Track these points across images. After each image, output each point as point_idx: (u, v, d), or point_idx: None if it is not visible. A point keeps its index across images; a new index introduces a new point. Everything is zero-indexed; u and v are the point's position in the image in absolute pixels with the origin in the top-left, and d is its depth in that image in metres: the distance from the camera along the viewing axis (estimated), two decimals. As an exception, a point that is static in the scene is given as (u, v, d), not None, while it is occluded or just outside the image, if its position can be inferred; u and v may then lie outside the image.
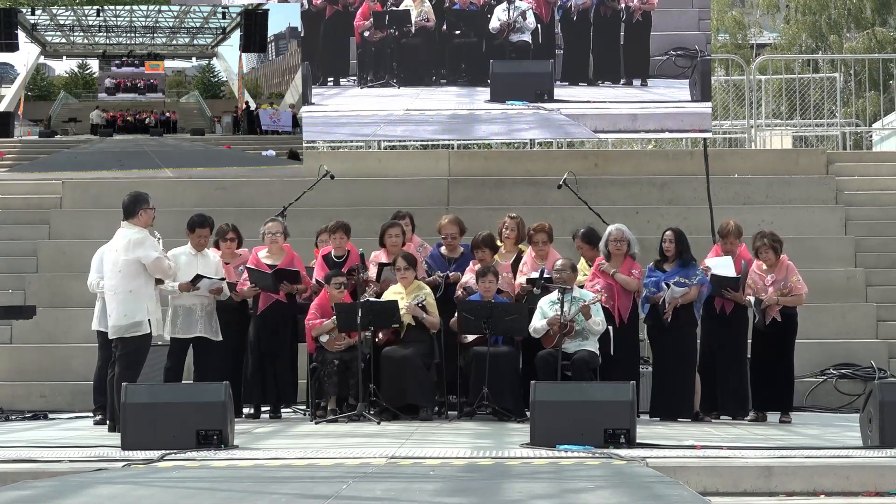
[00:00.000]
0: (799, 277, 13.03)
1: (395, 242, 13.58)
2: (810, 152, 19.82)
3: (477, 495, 7.58)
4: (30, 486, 8.20)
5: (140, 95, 18.77)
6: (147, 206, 11.96)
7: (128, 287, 11.80)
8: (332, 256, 13.66)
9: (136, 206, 11.93)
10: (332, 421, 12.64)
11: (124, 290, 11.80)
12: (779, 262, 13.03)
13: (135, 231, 11.86)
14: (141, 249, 11.79)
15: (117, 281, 11.84)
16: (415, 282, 13.15)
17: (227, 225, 13.72)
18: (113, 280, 11.90)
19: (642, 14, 17.67)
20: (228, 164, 18.55)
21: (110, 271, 11.96)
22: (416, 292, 13.11)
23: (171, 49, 19.12)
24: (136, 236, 11.83)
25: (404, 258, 13.16)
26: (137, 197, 12.01)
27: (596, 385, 11.29)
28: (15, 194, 18.40)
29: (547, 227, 13.52)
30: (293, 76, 18.46)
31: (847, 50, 30.38)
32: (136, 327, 11.79)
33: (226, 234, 13.64)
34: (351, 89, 17.77)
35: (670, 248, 13.08)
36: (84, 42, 19.03)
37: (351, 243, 13.71)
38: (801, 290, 12.99)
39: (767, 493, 8.76)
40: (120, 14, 19.42)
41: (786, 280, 12.96)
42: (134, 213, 11.91)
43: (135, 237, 11.82)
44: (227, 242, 13.62)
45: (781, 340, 13.01)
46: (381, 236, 13.77)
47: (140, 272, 11.83)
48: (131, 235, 11.84)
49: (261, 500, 7.39)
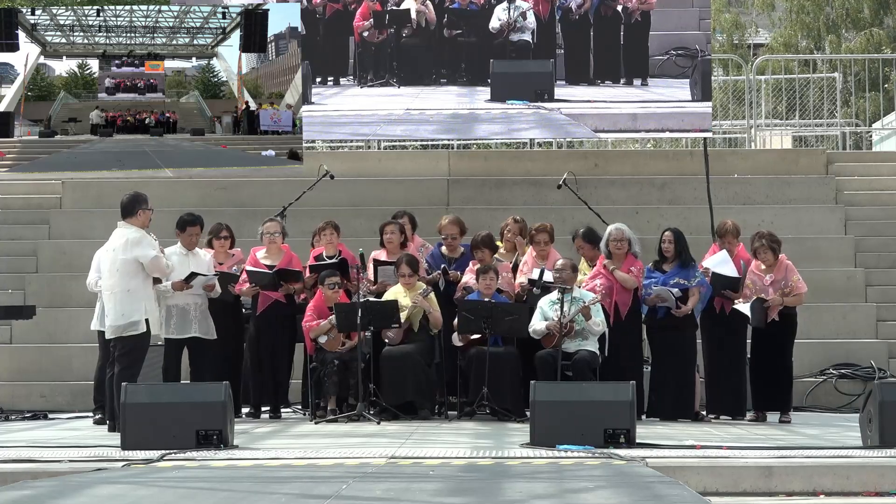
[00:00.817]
0: (799, 277, 13.03)
1: (390, 240, 13.58)
2: (810, 152, 19.81)
3: (477, 495, 7.58)
4: (29, 486, 8.20)
5: (140, 95, 18.76)
6: (146, 206, 11.97)
7: (126, 286, 11.80)
8: (323, 256, 13.67)
9: (135, 205, 11.94)
10: (332, 421, 12.64)
11: (122, 289, 11.80)
12: (777, 262, 13.03)
13: (133, 230, 11.87)
14: (139, 248, 11.79)
15: (115, 280, 11.84)
16: (417, 284, 13.16)
17: (220, 224, 13.73)
18: (111, 279, 11.90)
19: (641, 14, 17.67)
20: (228, 164, 18.55)
21: (108, 271, 11.95)
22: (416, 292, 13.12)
23: (171, 49, 19.12)
24: (134, 235, 11.83)
25: (408, 264, 13.15)
26: (136, 197, 12.02)
27: (596, 385, 11.29)
28: (15, 194, 18.40)
29: (549, 228, 13.54)
30: (293, 76, 18.46)
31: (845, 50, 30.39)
32: (133, 327, 11.79)
33: (219, 232, 13.63)
34: (350, 89, 17.76)
35: (669, 249, 13.09)
36: (84, 42, 19.03)
37: (342, 243, 13.72)
38: (802, 290, 12.99)
39: (767, 493, 8.77)
40: (120, 14, 19.41)
41: (786, 280, 12.96)
42: (133, 212, 11.92)
43: (133, 236, 11.83)
44: (221, 241, 13.61)
45: (781, 340, 13.01)
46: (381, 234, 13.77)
47: (138, 271, 11.83)
48: (129, 235, 11.84)
49: (260, 500, 7.39)
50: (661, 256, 13.15)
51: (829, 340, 15.71)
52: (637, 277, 13.05)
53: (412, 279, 13.10)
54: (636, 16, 17.66)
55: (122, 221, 11.97)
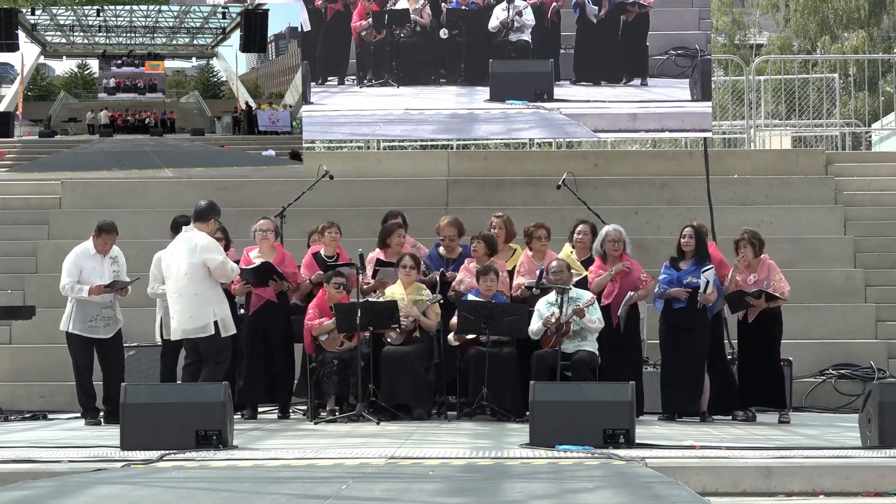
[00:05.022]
0: (781, 276, 13.04)
1: (399, 242, 13.60)
2: (809, 152, 19.81)
3: (476, 496, 7.58)
4: (29, 486, 8.20)
5: (140, 95, 18.77)
6: (218, 216, 12.33)
7: (194, 290, 12.04)
8: (322, 255, 13.66)
9: (210, 213, 12.26)
10: (332, 421, 12.64)
11: (191, 292, 12.03)
12: (760, 261, 13.04)
13: (202, 236, 12.12)
14: (207, 253, 12.04)
15: (183, 284, 12.05)
16: (415, 283, 13.17)
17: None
18: (178, 283, 12.11)
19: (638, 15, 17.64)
20: (228, 164, 18.56)
21: (175, 275, 12.15)
22: (415, 293, 13.13)
23: (171, 49, 19.13)
24: (204, 241, 12.09)
25: (411, 257, 13.23)
26: (213, 205, 12.34)
27: (595, 385, 11.29)
28: (15, 194, 18.40)
29: (546, 226, 13.56)
30: (293, 76, 18.47)
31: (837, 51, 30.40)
32: (203, 329, 12.03)
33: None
34: (350, 88, 17.76)
35: (690, 244, 13.05)
36: (84, 42, 19.04)
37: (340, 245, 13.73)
38: (783, 289, 12.99)
39: (767, 494, 8.77)
40: (120, 14, 19.42)
41: (768, 280, 12.97)
42: (206, 219, 12.23)
43: (202, 241, 12.08)
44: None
45: (768, 338, 13.03)
46: (383, 237, 13.76)
47: (207, 276, 12.07)
48: (199, 240, 12.06)
49: (260, 500, 7.39)
50: (679, 253, 13.13)
51: (829, 340, 15.72)
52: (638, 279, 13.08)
53: (413, 272, 13.12)
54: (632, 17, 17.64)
55: (192, 226, 12.21)
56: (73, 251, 13.24)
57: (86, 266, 13.07)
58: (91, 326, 13.05)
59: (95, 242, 13.19)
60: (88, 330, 13.06)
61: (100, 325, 13.08)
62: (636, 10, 17.59)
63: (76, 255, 13.15)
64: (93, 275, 13.03)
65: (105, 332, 13.10)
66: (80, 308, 13.06)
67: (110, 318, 13.13)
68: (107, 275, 13.04)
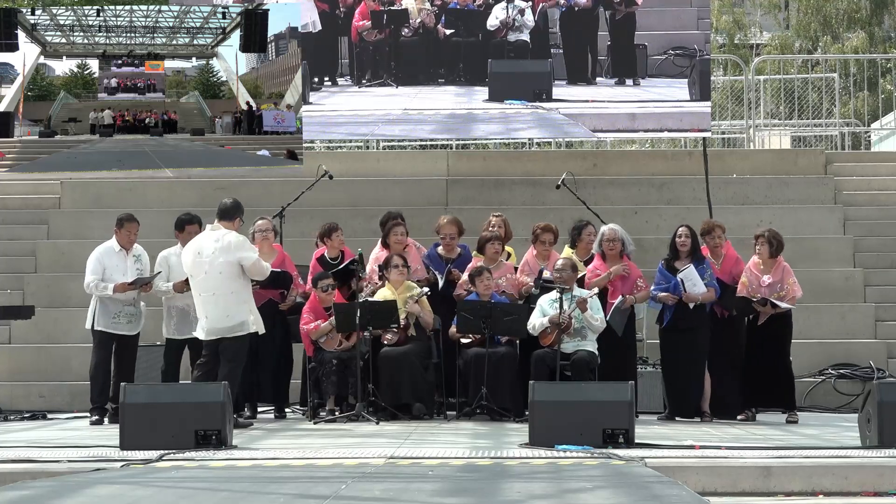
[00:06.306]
0: (794, 280, 13.04)
1: (399, 241, 13.57)
2: (809, 152, 19.81)
3: (476, 495, 7.59)
4: (28, 486, 8.21)
5: (140, 95, 18.78)
6: (242, 214, 12.23)
7: (230, 288, 11.93)
8: (326, 258, 13.65)
9: (236, 212, 12.17)
10: (331, 421, 12.64)
11: (226, 291, 11.91)
12: (776, 262, 13.04)
13: (232, 234, 12.02)
14: (241, 251, 11.95)
15: (217, 282, 11.92)
16: (406, 282, 13.15)
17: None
18: (209, 282, 11.95)
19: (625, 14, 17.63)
20: (228, 164, 18.56)
21: (206, 273, 11.97)
22: (406, 292, 13.09)
23: (171, 49, 19.13)
24: (236, 239, 11.99)
25: (400, 257, 13.21)
26: (238, 204, 12.27)
27: (595, 385, 11.29)
28: (14, 194, 18.40)
29: (554, 228, 13.59)
30: (293, 76, 18.47)
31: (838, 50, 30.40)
32: (240, 327, 11.97)
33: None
34: (349, 88, 17.76)
35: (686, 244, 13.06)
36: (84, 42, 19.04)
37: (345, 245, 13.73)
38: (796, 293, 13.00)
39: (766, 494, 8.77)
40: (120, 14, 19.42)
41: (782, 282, 12.97)
42: (232, 217, 12.12)
43: (234, 240, 11.97)
44: None
45: (778, 338, 13.03)
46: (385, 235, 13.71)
47: (240, 273, 11.97)
48: (230, 238, 11.96)
49: (259, 500, 7.40)
50: (674, 253, 13.13)
51: (828, 340, 15.72)
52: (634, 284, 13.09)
53: (405, 269, 13.09)
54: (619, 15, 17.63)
55: (217, 224, 12.10)
56: (96, 249, 13.17)
57: (109, 264, 13.00)
58: (114, 322, 13.02)
59: (119, 237, 13.12)
60: (112, 326, 13.03)
61: (123, 322, 13.04)
62: (623, 8, 17.57)
63: (100, 252, 13.08)
64: (116, 272, 12.98)
65: (128, 329, 13.06)
66: (102, 305, 13.01)
67: (133, 314, 13.09)
68: (130, 272, 13.00)
